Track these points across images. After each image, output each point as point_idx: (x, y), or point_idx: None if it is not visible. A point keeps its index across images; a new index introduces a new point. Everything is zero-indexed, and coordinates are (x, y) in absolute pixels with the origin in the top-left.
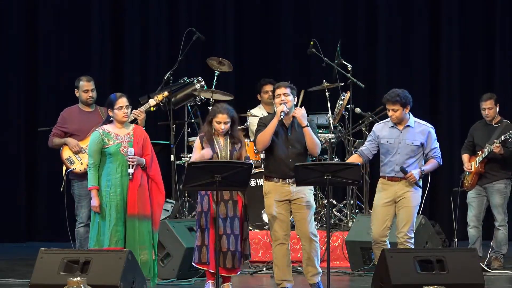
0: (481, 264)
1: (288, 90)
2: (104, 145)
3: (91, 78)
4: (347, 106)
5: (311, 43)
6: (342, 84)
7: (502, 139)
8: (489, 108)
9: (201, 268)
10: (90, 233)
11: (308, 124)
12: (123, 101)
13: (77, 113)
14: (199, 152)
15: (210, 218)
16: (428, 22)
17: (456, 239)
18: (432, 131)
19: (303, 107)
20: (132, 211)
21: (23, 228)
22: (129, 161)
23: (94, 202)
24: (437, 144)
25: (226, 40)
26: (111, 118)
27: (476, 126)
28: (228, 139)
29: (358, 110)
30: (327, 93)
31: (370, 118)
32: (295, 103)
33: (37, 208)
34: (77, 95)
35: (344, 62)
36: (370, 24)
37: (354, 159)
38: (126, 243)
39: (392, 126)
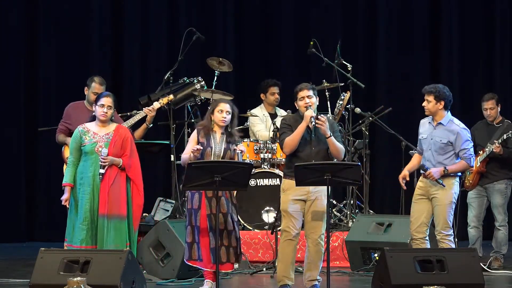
0: (481, 264)
1: (311, 92)
2: (82, 142)
3: (104, 82)
4: (347, 106)
5: (311, 43)
6: (342, 84)
7: (504, 138)
8: (490, 108)
9: (193, 265)
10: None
11: (331, 134)
12: (106, 100)
13: (82, 110)
14: (193, 144)
15: (200, 215)
16: (428, 23)
17: (456, 239)
18: (463, 132)
19: (322, 115)
20: (102, 211)
21: (23, 228)
22: (101, 161)
23: (65, 195)
24: (468, 145)
25: (226, 40)
26: (94, 114)
27: (477, 126)
28: (225, 137)
29: (358, 110)
30: (327, 93)
31: (370, 118)
32: (317, 103)
33: (37, 208)
34: (86, 93)
35: (344, 62)
36: (370, 24)
37: (416, 158)
38: (97, 242)
39: (430, 122)
